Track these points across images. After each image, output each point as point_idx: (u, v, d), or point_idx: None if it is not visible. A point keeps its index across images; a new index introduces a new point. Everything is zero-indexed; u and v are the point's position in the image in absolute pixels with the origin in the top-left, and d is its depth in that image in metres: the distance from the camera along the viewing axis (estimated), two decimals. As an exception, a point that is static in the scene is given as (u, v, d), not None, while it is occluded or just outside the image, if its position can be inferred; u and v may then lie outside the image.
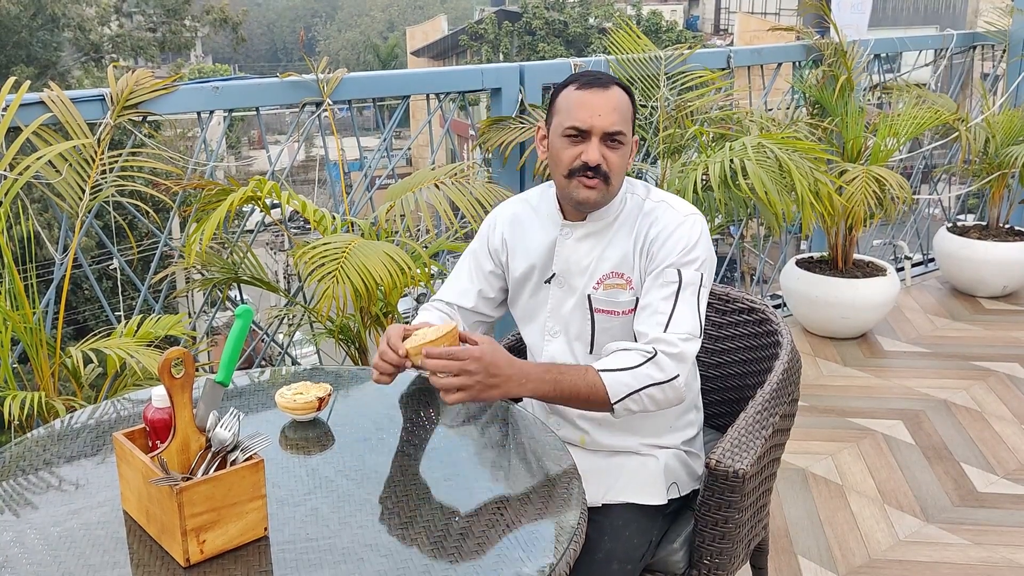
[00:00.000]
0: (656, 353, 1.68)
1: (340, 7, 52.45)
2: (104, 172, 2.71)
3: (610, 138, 1.73)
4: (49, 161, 2.59)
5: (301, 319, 3.23)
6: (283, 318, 3.28)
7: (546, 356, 1.88)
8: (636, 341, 1.74)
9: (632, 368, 1.67)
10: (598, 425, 1.86)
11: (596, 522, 1.73)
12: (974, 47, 5.33)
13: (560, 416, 1.90)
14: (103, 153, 2.71)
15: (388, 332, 1.69)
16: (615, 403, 1.66)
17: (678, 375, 1.68)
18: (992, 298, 4.75)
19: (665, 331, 1.69)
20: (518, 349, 2.15)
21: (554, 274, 1.85)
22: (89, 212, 2.70)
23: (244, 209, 3.08)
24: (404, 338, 1.67)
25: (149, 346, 2.61)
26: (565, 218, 1.85)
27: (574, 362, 1.83)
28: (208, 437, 1.38)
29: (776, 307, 4.54)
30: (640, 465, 1.85)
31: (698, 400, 1.98)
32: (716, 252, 1.88)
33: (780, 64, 4.57)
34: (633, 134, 1.79)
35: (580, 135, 1.73)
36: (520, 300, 1.93)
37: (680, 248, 1.74)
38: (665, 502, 1.82)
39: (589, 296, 1.81)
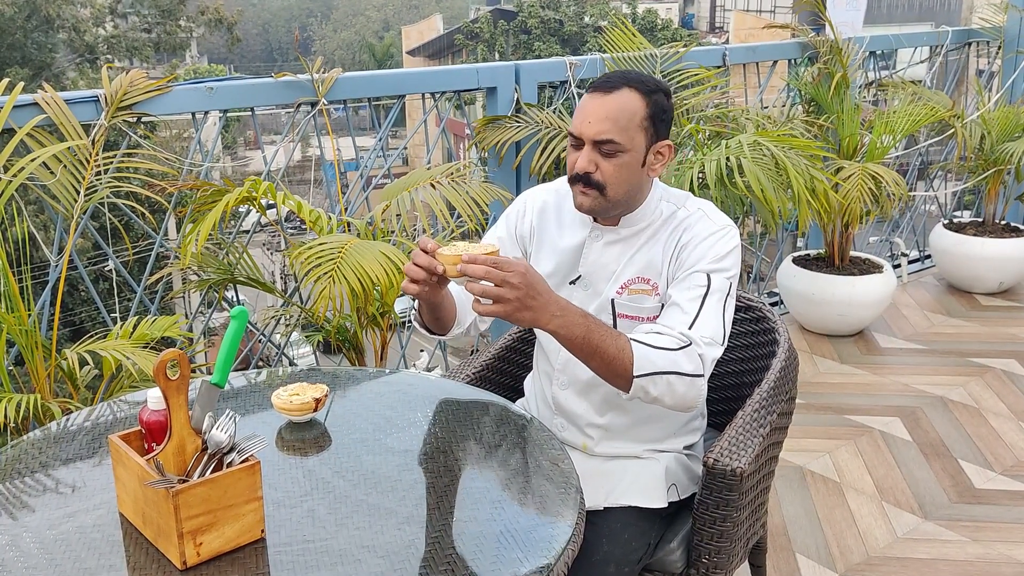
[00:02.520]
0: (691, 343, 1.61)
1: (335, 7, 52.37)
2: (99, 173, 2.70)
3: (600, 146, 1.66)
4: (43, 163, 2.58)
5: (298, 320, 3.22)
6: (279, 319, 3.28)
7: (563, 356, 1.83)
8: None
9: (664, 349, 1.60)
10: (605, 431, 1.85)
11: (595, 525, 1.71)
12: (969, 44, 5.33)
13: (565, 418, 1.88)
14: (98, 154, 2.70)
15: (418, 240, 1.56)
16: (636, 376, 1.57)
17: (703, 375, 1.62)
18: (988, 294, 4.75)
19: (689, 329, 1.63)
20: (527, 340, 2.15)
21: (579, 276, 1.80)
22: (84, 213, 2.69)
23: (240, 210, 3.07)
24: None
25: (145, 348, 2.60)
26: (596, 220, 1.79)
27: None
28: (204, 439, 1.37)
29: (773, 305, 4.55)
30: (641, 468, 1.83)
31: (704, 408, 1.97)
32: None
33: (775, 62, 4.57)
34: (657, 139, 1.69)
35: (577, 142, 1.68)
36: None
37: (712, 255, 1.69)
38: (666, 504, 1.81)
39: (613, 300, 1.76)
